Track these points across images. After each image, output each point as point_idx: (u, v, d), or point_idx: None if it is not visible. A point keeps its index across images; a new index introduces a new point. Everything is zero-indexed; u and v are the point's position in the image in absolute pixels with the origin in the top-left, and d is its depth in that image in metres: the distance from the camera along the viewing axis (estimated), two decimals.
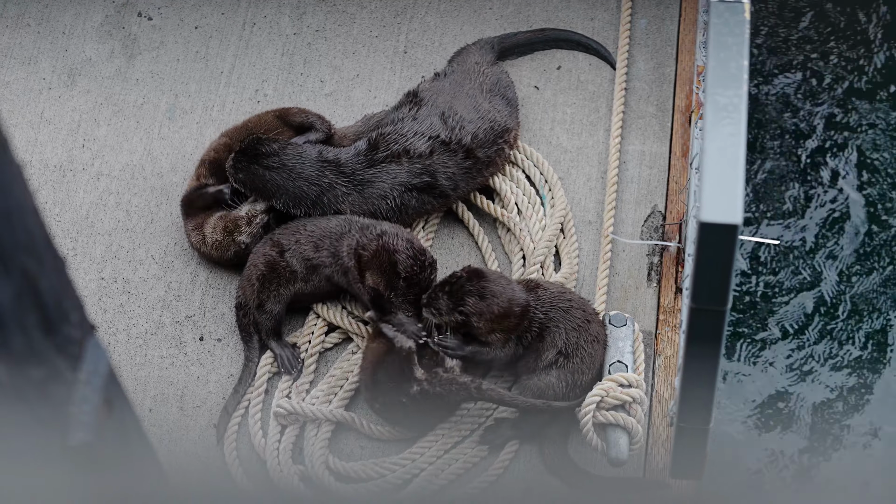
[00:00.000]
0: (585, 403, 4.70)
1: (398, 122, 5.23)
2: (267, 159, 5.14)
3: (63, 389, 2.27)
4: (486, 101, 5.33)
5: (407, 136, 5.17)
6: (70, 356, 2.29)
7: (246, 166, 5.14)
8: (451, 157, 5.19)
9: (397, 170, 5.14)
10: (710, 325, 3.77)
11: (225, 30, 5.85)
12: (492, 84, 5.40)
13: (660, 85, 5.61)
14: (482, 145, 5.24)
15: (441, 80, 5.40)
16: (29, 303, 2.21)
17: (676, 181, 5.37)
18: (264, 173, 5.13)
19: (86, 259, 5.30)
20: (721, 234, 3.50)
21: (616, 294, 5.15)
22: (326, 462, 4.84)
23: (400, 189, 5.14)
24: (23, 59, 5.79)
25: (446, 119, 5.22)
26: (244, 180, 5.16)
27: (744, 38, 3.71)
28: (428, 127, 5.20)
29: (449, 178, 5.19)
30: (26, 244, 2.20)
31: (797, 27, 6.98)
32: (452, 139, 5.19)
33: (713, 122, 3.58)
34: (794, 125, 6.71)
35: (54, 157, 5.53)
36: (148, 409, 4.99)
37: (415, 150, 5.16)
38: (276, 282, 5.03)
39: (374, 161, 5.14)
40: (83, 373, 2.29)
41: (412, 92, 5.36)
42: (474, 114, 5.27)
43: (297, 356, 5.04)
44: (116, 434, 2.40)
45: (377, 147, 5.16)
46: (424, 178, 5.16)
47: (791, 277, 6.36)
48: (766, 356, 6.21)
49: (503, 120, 5.32)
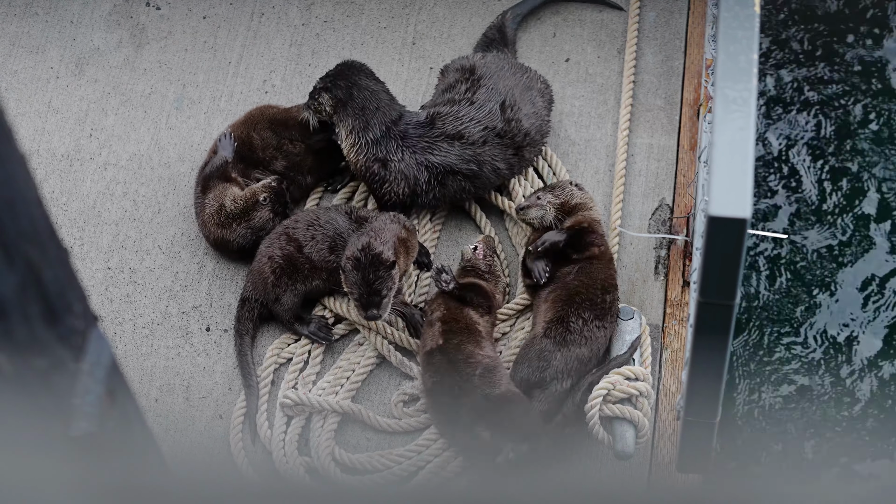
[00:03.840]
0: (592, 397, 4.69)
1: (455, 103, 5.23)
2: (367, 79, 5.19)
3: (66, 380, 2.27)
4: (540, 99, 5.33)
5: (463, 120, 5.18)
6: (73, 347, 2.28)
7: (345, 80, 5.18)
8: (502, 152, 5.20)
9: (449, 149, 5.15)
10: (718, 319, 3.76)
11: (233, 20, 5.85)
12: (541, 85, 5.39)
13: (668, 78, 5.60)
14: (531, 144, 5.25)
15: (499, 59, 5.39)
16: (32, 293, 2.20)
17: (684, 174, 5.36)
18: (362, 88, 5.17)
19: (92, 249, 5.29)
20: (730, 227, 3.48)
21: (623, 287, 5.14)
22: (332, 453, 4.83)
23: (447, 168, 5.15)
24: (31, 48, 5.79)
25: (505, 108, 5.21)
26: (337, 91, 5.18)
27: (753, 31, 3.70)
28: (487, 114, 5.19)
29: (494, 170, 5.20)
30: (30, 234, 2.20)
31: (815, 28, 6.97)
32: (507, 132, 5.19)
33: (722, 115, 3.56)
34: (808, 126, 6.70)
35: (62, 147, 5.53)
36: (154, 399, 4.99)
37: (469, 135, 5.17)
38: (294, 277, 5.04)
39: (432, 135, 5.17)
40: (86, 363, 2.28)
41: (468, 68, 5.36)
42: (531, 108, 5.27)
43: (323, 324, 5.06)
44: (119, 425, 2.40)
45: (433, 123, 5.18)
46: (471, 166, 5.16)
47: (801, 273, 6.35)
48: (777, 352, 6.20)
49: (548, 123, 5.34)
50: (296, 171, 5.33)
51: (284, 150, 5.32)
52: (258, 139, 5.35)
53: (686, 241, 5.18)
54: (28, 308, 2.19)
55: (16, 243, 2.17)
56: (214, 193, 5.24)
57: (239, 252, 5.22)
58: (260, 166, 5.35)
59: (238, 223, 5.19)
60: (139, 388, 5.00)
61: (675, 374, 4.96)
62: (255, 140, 5.35)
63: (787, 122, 6.67)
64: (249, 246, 5.19)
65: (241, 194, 5.21)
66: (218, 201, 5.22)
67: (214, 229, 5.22)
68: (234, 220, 5.19)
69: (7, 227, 2.15)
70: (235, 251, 5.23)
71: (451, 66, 5.43)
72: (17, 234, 2.17)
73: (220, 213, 5.21)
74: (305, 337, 5.05)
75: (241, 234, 5.19)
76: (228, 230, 5.20)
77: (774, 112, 6.68)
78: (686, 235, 5.20)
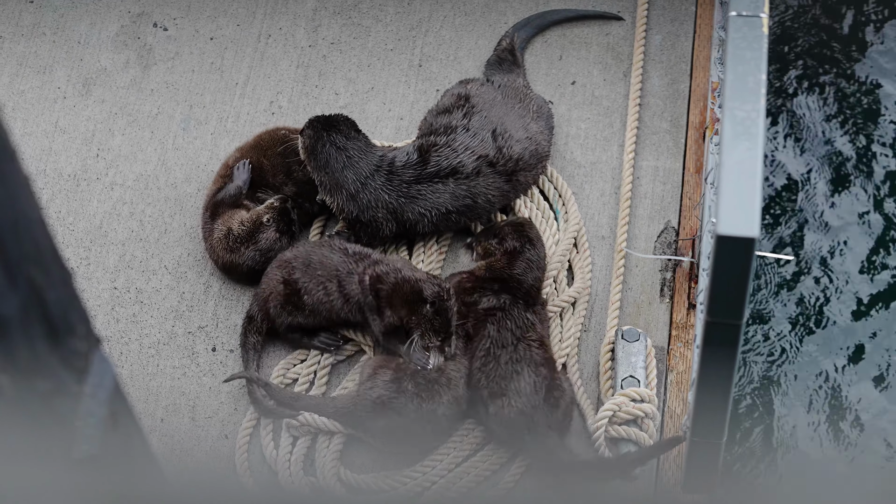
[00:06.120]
0: (598, 418, 4.69)
1: (451, 131, 5.21)
2: (336, 135, 5.14)
3: (68, 402, 2.26)
4: (534, 123, 5.32)
5: (458, 150, 5.14)
6: (76, 369, 2.28)
7: (317, 129, 5.15)
8: (495, 180, 5.17)
9: (442, 190, 5.12)
10: (725, 339, 3.76)
11: (240, 41, 5.86)
12: (537, 107, 5.39)
13: (674, 101, 5.60)
14: (525, 168, 5.24)
15: (492, 90, 5.38)
16: (35, 314, 2.20)
17: (690, 197, 5.36)
18: (326, 144, 5.13)
19: (99, 269, 5.30)
20: (738, 247, 3.48)
21: (629, 309, 5.14)
22: (338, 474, 4.83)
23: (441, 210, 5.13)
24: (38, 68, 5.80)
25: (497, 136, 5.19)
26: (307, 138, 5.15)
27: (762, 52, 3.70)
28: (479, 142, 5.17)
29: (488, 200, 5.19)
30: (33, 255, 2.20)
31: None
32: (500, 160, 5.17)
33: (731, 135, 3.56)
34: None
35: (68, 167, 5.53)
36: (160, 419, 4.99)
37: (463, 168, 5.13)
38: (294, 312, 5.03)
39: (422, 177, 5.13)
40: (88, 386, 2.28)
41: (464, 95, 5.34)
42: (523, 134, 5.26)
43: (330, 337, 5.06)
44: (121, 448, 2.39)
45: (427, 160, 5.14)
46: (466, 201, 5.15)
47: (804, 292, 6.34)
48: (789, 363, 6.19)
49: (546, 145, 5.33)
50: (304, 198, 5.32)
51: (294, 176, 5.31)
52: (268, 164, 5.34)
53: (692, 262, 5.18)
54: (31, 329, 2.19)
55: (19, 264, 2.17)
56: (223, 219, 5.24)
57: (248, 275, 5.22)
58: (269, 191, 5.35)
59: (246, 246, 5.19)
60: (145, 407, 5.00)
61: (680, 396, 4.95)
62: (265, 165, 5.34)
63: (798, 145, 6.67)
64: (259, 268, 5.19)
65: (247, 216, 5.22)
66: (226, 225, 5.22)
67: (223, 254, 5.22)
68: (242, 244, 5.19)
69: (10, 247, 2.15)
70: (245, 274, 5.23)
71: (449, 90, 5.44)
72: (20, 254, 2.17)
73: (228, 238, 5.21)
74: (314, 347, 5.05)
75: (250, 256, 5.19)
76: (237, 254, 5.20)
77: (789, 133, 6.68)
78: (692, 257, 5.19)
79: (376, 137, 5.52)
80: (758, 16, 3.77)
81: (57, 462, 2.25)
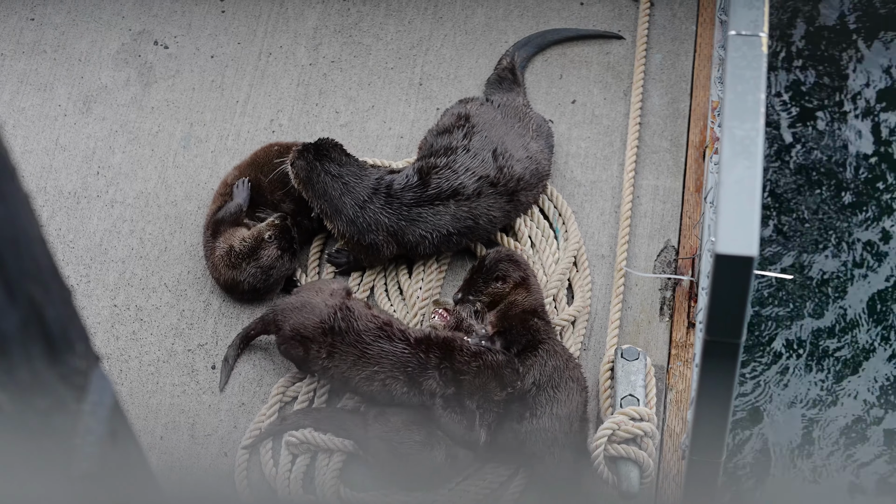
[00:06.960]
0: (597, 436, 4.68)
1: (451, 152, 5.21)
2: (329, 163, 5.14)
3: (67, 420, 2.26)
4: (534, 142, 5.32)
5: (458, 172, 5.14)
6: (75, 386, 2.28)
7: (309, 160, 5.15)
8: (497, 201, 5.17)
9: (443, 212, 5.11)
10: (725, 358, 3.76)
11: (241, 59, 5.87)
12: (537, 126, 5.39)
13: (674, 120, 5.61)
14: (526, 188, 5.23)
15: (492, 109, 5.38)
16: (34, 332, 2.20)
17: (689, 216, 5.36)
18: (321, 174, 5.13)
19: (99, 286, 5.30)
20: (737, 266, 3.48)
21: (628, 328, 5.14)
22: (338, 492, 4.82)
23: (442, 232, 5.12)
24: (39, 85, 5.81)
25: (498, 156, 5.19)
26: (300, 170, 5.16)
27: (761, 71, 3.71)
28: (480, 163, 5.16)
29: (490, 220, 5.18)
30: (33, 273, 2.20)
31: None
32: (500, 180, 5.16)
33: (730, 154, 3.57)
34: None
35: (69, 184, 5.54)
36: (159, 437, 4.99)
37: (464, 190, 5.13)
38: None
39: (422, 200, 5.12)
40: (88, 404, 2.28)
41: (464, 115, 5.34)
42: (524, 153, 5.26)
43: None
44: (120, 465, 2.39)
45: (427, 183, 5.14)
46: (468, 223, 5.14)
47: (807, 305, 6.34)
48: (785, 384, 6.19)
49: (546, 164, 5.33)
50: (302, 215, 5.32)
51: (291, 193, 5.31)
52: (265, 181, 5.35)
53: (691, 281, 5.18)
54: (30, 347, 2.19)
55: (19, 281, 2.17)
56: (225, 237, 5.25)
57: (250, 293, 5.23)
58: (268, 208, 5.35)
59: (248, 263, 5.19)
60: (144, 425, 5.00)
61: (679, 414, 4.95)
62: (262, 182, 5.35)
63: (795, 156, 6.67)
64: (261, 286, 5.20)
65: (248, 234, 5.22)
66: (228, 243, 5.23)
67: (225, 271, 5.23)
68: (244, 260, 5.19)
69: (10, 264, 2.15)
70: (247, 291, 5.23)
71: (449, 109, 5.44)
72: (20, 272, 2.17)
73: (229, 255, 5.21)
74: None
75: (252, 273, 5.20)
76: (239, 271, 5.20)
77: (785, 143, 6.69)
78: (691, 276, 5.20)
79: (376, 156, 5.52)
80: (757, 35, 3.78)
81: (56, 479, 2.25)
